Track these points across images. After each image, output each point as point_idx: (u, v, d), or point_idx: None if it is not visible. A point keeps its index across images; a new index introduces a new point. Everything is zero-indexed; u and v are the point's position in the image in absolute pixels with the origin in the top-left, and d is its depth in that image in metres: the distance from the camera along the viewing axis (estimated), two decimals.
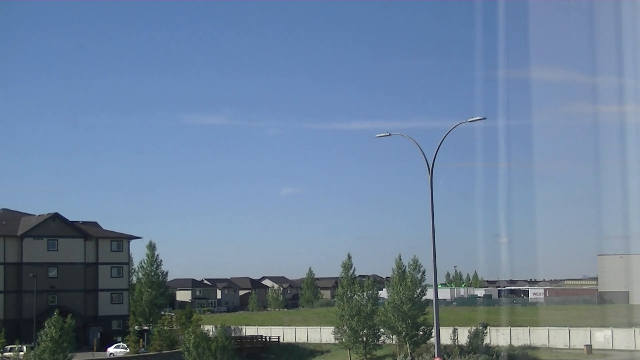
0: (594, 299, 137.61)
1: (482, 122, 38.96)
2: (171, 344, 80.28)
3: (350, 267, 79.95)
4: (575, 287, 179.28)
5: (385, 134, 40.59)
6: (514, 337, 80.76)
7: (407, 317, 72.87)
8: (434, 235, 37.38)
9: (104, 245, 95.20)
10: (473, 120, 38.22)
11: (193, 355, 67.63)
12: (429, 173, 37.51)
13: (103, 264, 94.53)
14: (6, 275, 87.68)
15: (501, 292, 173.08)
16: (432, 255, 37.65)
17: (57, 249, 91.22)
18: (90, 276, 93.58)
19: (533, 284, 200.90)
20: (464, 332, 75.13)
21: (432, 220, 37.59)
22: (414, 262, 75.42)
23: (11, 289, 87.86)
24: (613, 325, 78.21)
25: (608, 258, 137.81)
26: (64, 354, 64.38)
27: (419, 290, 74.55)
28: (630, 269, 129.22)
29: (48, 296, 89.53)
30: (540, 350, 77.09)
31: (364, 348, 76.40)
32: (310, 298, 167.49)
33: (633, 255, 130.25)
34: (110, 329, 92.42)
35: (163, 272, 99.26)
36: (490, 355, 71.05)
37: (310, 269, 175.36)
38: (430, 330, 70.34)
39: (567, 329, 79.76)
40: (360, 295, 77.28)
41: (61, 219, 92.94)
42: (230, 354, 69.25)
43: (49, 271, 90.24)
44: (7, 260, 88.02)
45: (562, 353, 75.74)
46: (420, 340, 73.65)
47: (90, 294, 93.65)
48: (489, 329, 79.60)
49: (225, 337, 70.05)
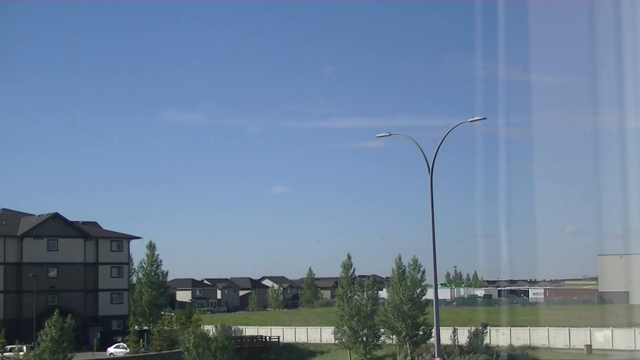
0: (594, 299, 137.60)
1: (482, 121, 39.00)
2: (171, 344, 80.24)
3: (350, 267, 79.95)
4: (575, 287, 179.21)
5: (385, 133, 40.59)
6: (514, 337, 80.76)
7: (407, 317, 72.84)
8: (434, 235, 37.38)
9: (104, 245, 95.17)
10: (473, 120, 38.22)
11: (193, 355, 67.60)
12: (429, 173, 37.50)
13: (103, 264, 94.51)
14: (6, 275, 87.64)
15: (501, 292, 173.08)
16: (432, 255, 37.65)
17: (57, 249, 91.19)
18: (90, 276, 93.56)
19: (533, 284, 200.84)
20: (464, 332, 75.11)
21: (432, 220, 37.59)
22: (414, 262, 75.41)
23: (11, 289, 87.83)
24: (613, 325, 78.22)
25: (608, 258, 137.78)
26: (64, 354, 64.32)
27: (419, 290, 74.54)
28: (630, 269, 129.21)
29: (48, 296, 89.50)
30: (540, 350, 77.08)
31: (364, 348, 76.38)
32: (310, 298, 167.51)
33: (633, 255, 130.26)
34: (110, 329, 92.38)
35: (163, 272, 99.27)
36: (490, 355, 71.02)
37: (310, 269, 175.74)
38: (430, 330, 70.32)
39: (567, 329, 79.77)
40: (360, 295, 77.25)
41: (61, 219, 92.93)
42: (230, 354, 69.21)
43: (49, 271, 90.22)
44: (7, 260, 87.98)
45: (562, 353, 75.74)
46: (420, 340, 73.63)
47: (90, 294, 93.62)
48: (489, 329, 79.55)
49: (225, 337, 70.02)
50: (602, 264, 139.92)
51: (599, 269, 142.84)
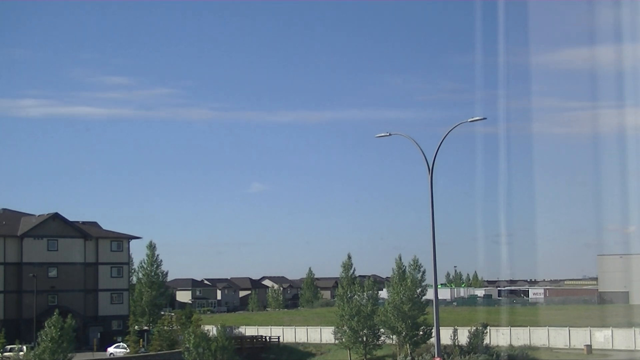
0: (594, 299, 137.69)
1: (482, 122, 38.93)
2: (171, 344, 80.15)
3: (350, 267, 79.90)
4: (575, 287, 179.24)
5: (386, 133, 40.45)
6: (514, 337, 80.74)
7: (407, 317, 72.80)
8: (434, 235, 37.34)
9: (104, 245, 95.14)
10: (473, 120, 38.15)
11: (193, 355, 67.57)
12: (429, 173, 37.46)
13: (103, 264, 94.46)
14: (6, 275, 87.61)
15: (501, 292, 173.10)
16: (432, 255, 37.61)
17: (57, 249, 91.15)
18: (90, 276, 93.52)
19: (533, 284, 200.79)
20: (464, 332, 75.04)
21: (432, 220, 37.55)
22: (414, 262, 75.38)
23: (11, 289, 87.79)
24: (613, 325, 78.22)
25: (608, 258, 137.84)
26: (64, 354, 64.27)
27: (419, 290, 74.50)
28: (630, 269, 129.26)
29: (48, 296, 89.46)
30: (540, 350, 77.03)
31: (364, 348, 76.33)
32: (310, 298, 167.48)
33: (633, 255, 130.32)
34: (110, 329, 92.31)
35: (163, 272, 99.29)
36: (490, 355, 70.95)
37: (310, 269, 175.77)
38: (430, 330, 70.29)
39: (567, 329, 79.76)
40: (360, 295, 77.20)
41: (61, 219, 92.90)
42: (230, 354, 69.17)
43: (49, 271, 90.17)
44: (7, 260, 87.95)
45: (562, 353, 75.72)
46: (420, 341, 73.60)
47: (90, 294, 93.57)
48: (489, 329, 79.50)
49: (225, 337, 69.99)
50: (602, 264, 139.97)
51: (599, 269, 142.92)
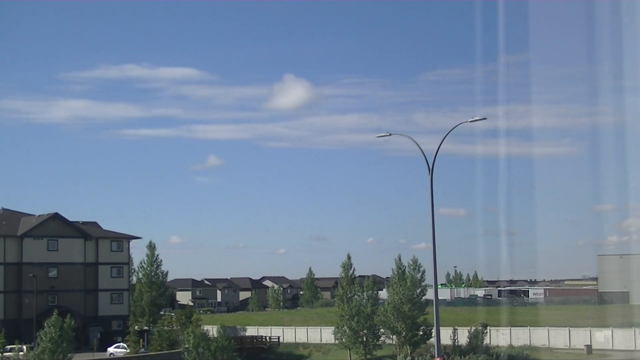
0: (594, 299, 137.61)
1: (483, 121, 38.92)
2: (171, 344, 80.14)
3: (350, 267, 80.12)
4: (575, 287, 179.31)
5: (386, 133, 40.47)
6: (514, 337, 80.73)
7: (407, 318, 72.82)
8: (434, 235, 37.33)
9: (104, 245, 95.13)
10: (473, 120, 38.13)
11: (193, 355, 67.44)
12: (429, 173, 37.45)
13: (103, 264, 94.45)
14: (6, 275, 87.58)
15: (501, 292, 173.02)
16: (432, 255, 37.60)
17: (57, 249, 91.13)
18: (90, 276, 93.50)
19: (533, 284, 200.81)
20: (463, 332, 75.03)
21: (432, 220, 37.54)
22: (413, 262, 75.44)
23: (11, 289, 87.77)
24: (613, 326, 78.19)
25: (608, 258, 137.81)
26: (64, 354, 64.17)
27: (418, 291, 74.55)
28: (630, 269, 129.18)
29: (48, 296, 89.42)
30: (540, 350, 77.01)
31: (363, 348, 76.32)
32: (310, 298, 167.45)
33: (633, 255, 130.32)
34: (110, 329, 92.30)
35: (163, 272, 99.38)
36: (490, 355, 70.94)
37: (310, 269, 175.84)
38: (430, 330, 70.29)
39: (567, 329, 79.75)
40: (360, 295, 77.20)
41: (61, 219, 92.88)
42: (230, 354, 69.09)
43: (49, 271, 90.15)
44: (7, 260, 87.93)
45: (562, 353, 75.70)
46: (420, 341, 73.61)
47: (90, 294, 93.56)
48: (489, 329, 79.45)
49: (225, 337, 69.94)
50: (602, 264, 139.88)
51: (599, 269, 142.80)
